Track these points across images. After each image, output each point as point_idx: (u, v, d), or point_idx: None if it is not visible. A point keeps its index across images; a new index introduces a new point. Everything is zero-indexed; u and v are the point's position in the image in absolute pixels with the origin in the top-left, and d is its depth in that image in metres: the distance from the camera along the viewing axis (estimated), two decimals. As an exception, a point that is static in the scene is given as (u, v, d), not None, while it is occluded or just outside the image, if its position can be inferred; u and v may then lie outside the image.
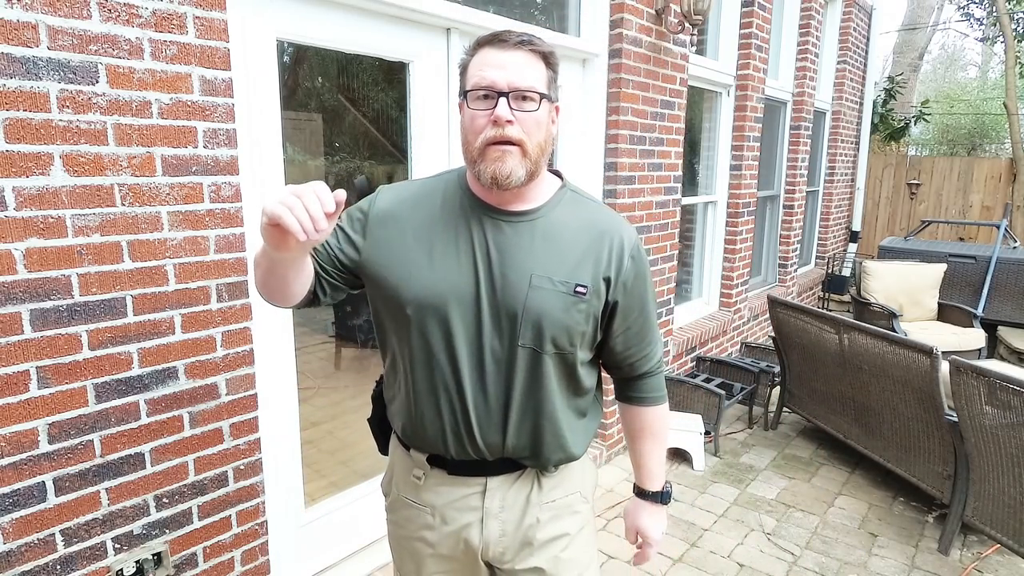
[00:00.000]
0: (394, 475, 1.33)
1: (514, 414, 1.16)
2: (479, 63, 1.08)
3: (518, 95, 1.06)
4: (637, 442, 1.35)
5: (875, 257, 6.61)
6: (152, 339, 1.66)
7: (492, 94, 1.06)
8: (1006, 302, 5.49)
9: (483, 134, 1.07)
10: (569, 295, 1.12)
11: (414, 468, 1.26)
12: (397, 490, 1.31)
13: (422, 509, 1.26)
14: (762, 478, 3.39)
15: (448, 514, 1.23)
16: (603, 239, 1.17)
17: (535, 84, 1.08)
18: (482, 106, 1.07)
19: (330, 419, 2.64)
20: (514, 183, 1.08)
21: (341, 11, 2.07)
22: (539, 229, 1.15)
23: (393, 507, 1.34)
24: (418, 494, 1.26)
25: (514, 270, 1.11)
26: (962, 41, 22.94)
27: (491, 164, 1.07)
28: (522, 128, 1.07)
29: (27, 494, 1.51)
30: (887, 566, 2.66)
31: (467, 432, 1.17)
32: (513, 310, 1.11)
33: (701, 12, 3.26)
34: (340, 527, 2.36)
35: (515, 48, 1.08)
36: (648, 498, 1.36)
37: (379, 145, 2.62)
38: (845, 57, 6.48)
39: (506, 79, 1.05)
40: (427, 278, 1.12)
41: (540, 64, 1.11)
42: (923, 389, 2.82)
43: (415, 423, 1.21)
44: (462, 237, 1.13)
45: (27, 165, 1.41)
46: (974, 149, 14.15)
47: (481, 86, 1.06)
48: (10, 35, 1.36)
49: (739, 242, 4.66)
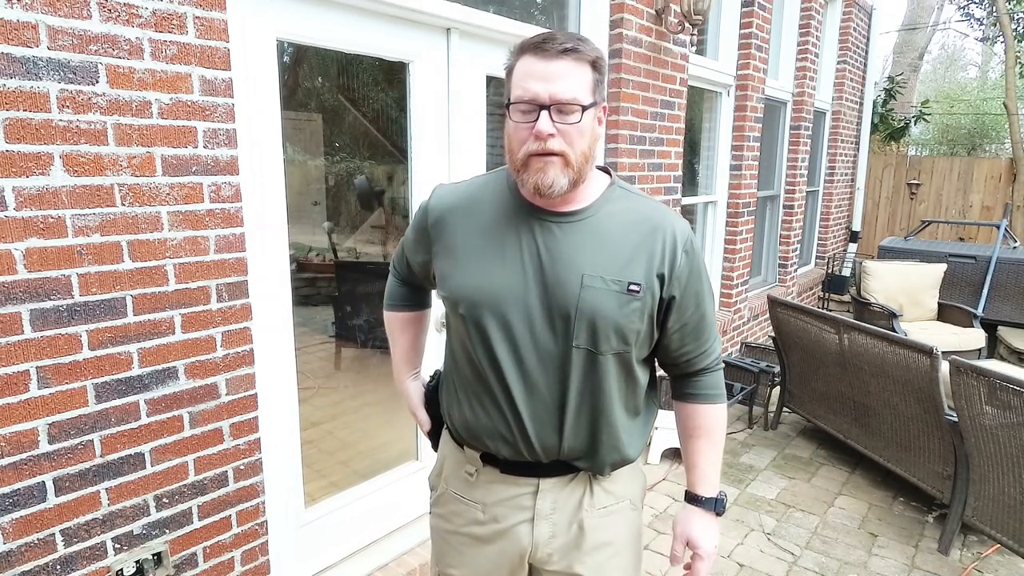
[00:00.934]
0: (444, 469, 1.34)
1: (570, 415, 1.16)
2: (522, 72, 1.07)
3: (558, 108, 1.05)
4: (691, 442, 1.30)
5: (875, 257, 6.61)
6: (152, 339, 1.66)
7: (533, 107, 1.05)
8: (1006, 302, 5.49)
9: (525, 146, 1.07)
10: (623, 293, 1.11)
11: (467, 464, 1.26)
12: (446, 484, 1.32)
13: (472, 505, 1.26)
14: (762, 478, 3.39)
15: (498, 512, 1.23)
16: (655, 235, 1.15)
17: (578, 95, 1.05)
18: (524, 119, 1.06)
19: (330, 419, 2.64)
20: (556, 193, 1.08)
21: (341, 11, 2.07)
22: (589, 228, 1.14)
23: (440, 501, 1.34)
24: (469, 490, 1.26)
25: (566, 270, 1.11)
26: (962, 41, 22.96)
27: (533, 175, 1.07)
28: (564, 140, 1.06)
29: (27, 494, 1.51)
30: (887, 566, 2.66)
31: (521, 434, 1.17)
32: (566, 311, 1.11)
33: (701, 12, 3.26)
34: (340, 527, 2.36)
35: (558, 57, 1.04)
36: (701, 504, 1.29)
37: (379, 145, 2.62)
38: (845, 57, 6.48)
39: (548, 91, 1.04)
40: (478, 279, 1.14)
41: (586, 69, 1.07)
42: (923, 389, 2.82)
43: (469, 421, 1.22)
44: (512, 239, 1.14)
45: (27, 165, 1.41)
46: (974, 149, 14.15)
47: (524, 99, 1.05)
48: (10, 35, 1.36)
49: (739, 242, 4.66)
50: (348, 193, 2.73)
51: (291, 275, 2.05)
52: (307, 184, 2.51)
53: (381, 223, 2.82)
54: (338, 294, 2.87)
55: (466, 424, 1.23)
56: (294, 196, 2.06)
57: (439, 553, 1.36)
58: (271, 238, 1.96)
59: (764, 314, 5.19)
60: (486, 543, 1.26)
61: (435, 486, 1.37)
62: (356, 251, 2.84)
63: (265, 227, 1.94)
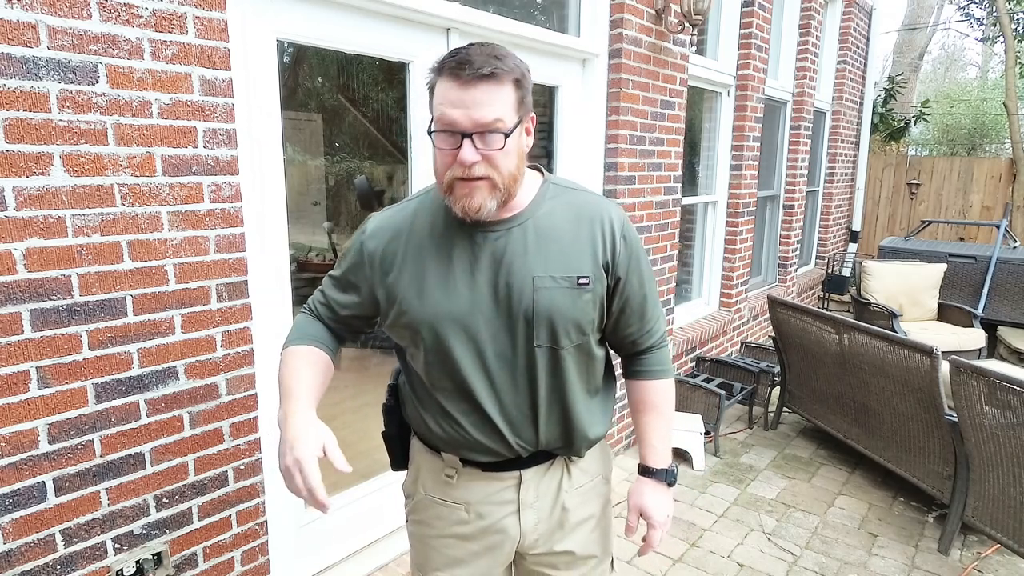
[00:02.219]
0: (420, 476, 1.33)
1: (542, 411, 1.20)
2: (441, 97, 1.04)
3: (482, 133, 1.02)
4: (642, 417, 1.34)
5: (875, 257, 6.61)
6: (152, 339, 1.66)
7: (456, 133, 1.03)
8: (1006, 302, 5.49)
9: (450, 171, 1.06)
10: (573, 288, 1.14)
11: (445, 468, 1.27)
12: (424, 491, 1.31)
13: (455, 506, 1.27)
14: (762, 478, 3.39)
15: (483, 509, 1.26)
16: (594, 225, 1.18)
17: (501, 116, 1.03)
18: (447, 144, 1.04)
19: (330, 419, 2.62)
20: (485, 215, 1.08)
21: (341, 11, 2.07)
22: (530, 231, 1.15)
23: (419, 507, 1.33)
24: (450, 492, 1.27)
25: (515, 276, 1.12)
26: (962, 41, 22.96)
27: (460, 200, 1.07)
28: (488, 164, 1.05)
29: (27, 494, 1.51)
30: (887, 566, 2.66)
31: (498, 440, 1.20)
32: (525, 315, 1.13)
33: (701, 12, 3.26)
34: (340, 527, 2.36)
35: (476, 83, 1.01)
36: (652, 476, 1.33)
37: (379, 145, 2.63)
38: (845, 57, 6.48)
39: (469, 117, 1.01)
40: (437, 301, 1.14)
41: (507, 90, 1.04)
42: (923, 389, 2.82)
43: (446, 433, 1.22)
44: (459, 256, 1.14)
45: (27, 165, 1.41)
46: (974, 149, 14.15)
47: (443, 123, 1.03)
48: (10, 35, 1.36)
49: (739, 242, 4.66)
50: (348, 193, 2.73)
51: (291, 275, 2.05)
52: (307, 184, 2.51)
53: (381, 223, 2.82)
54: (338, 294, 2.86)
55: (444, 435, 1.23)
56: (294, 196, 2.06)
57: (422, 560, 1.35)
58: (271, 238, 1.96)
59: (764, 314, 5.19)
60: (473, 541, 1.27)
61: (411, 493, 1.36)
62: (356, 251, 2.84)
63: (265, 227, 1.94)
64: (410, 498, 1.36)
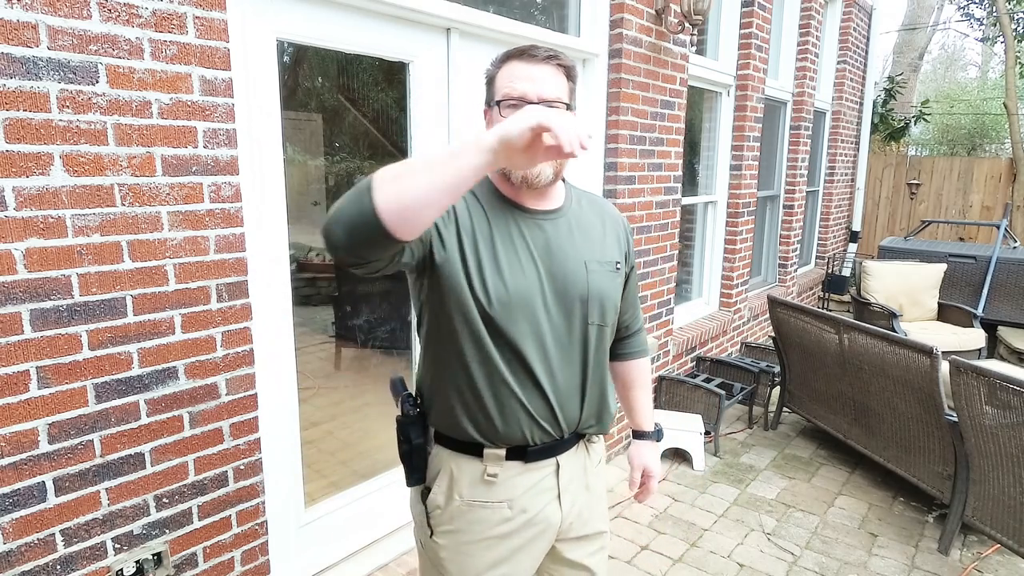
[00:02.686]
0: (453, 484, 1.30)
1: (588, 388, 1.30)
2: (508, 75, 1.19)
3: (546, 105, 1.12)
4: (633, 391, 1.54)
5: (875, 257, 6.61)
6: (152, 339, 1.66)
7: (522, 104, 1.14)
8: (1006, 302, 5.49)
9: None
10: (612, 272, 1.31)
11: (487, 468, 1.28)
12: (460, 497, 1.29)
13: (497, 506, 1.29)
14: (762, 478, 3.39)
15: (527, 502, 1.30)
16: (615, 223, 1.38)
17: (560, 95, 1.19)
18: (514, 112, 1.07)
19: (330, 419, 2.64)
20: (543, 182, 1.20)
21: (341, 11, 2.07)
22: (572, 223, 1.29)
23: (454, 516, 1.30)
24: (492, 492, 1.29)
25: (570, 260, 1.25)
26: (962, 41, 22.95)
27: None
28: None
29: (27, 494, 1.51)
30: (887, 566, 2.66)
31: (551, 416, 1.27)
32: (581, 295, 1.25)
33: (701, 12, 3.26)
34: (340, 527, 2.36)
35: (543, 62, 1.18)
36: (650, 437, 1.55)
37: (379, 145, 2.62)
38: (845, 57, 6.48)
39: (536, 91, 1.17)
40: (504, 280, 1.20)
41: (563, 77, 1.21)
42: (923, 389, 2.82)
43: (496, 421, 1.24)
44: (517, 238, 1.23)
45: (27, 165, 1.41)
46: (974, 149, 14.14)
47: (512, 96, 1.17)
48: (10, 35, 1.36)
49: (739, 242, 4.66)
50: (348, 193, 2.73)
51: (291, 275, 2.05)
52: (307, 184, 2.51)
53: (381, 223, 2.82)
54: (338, 294, 2.87)
55: (492, 425, 1.24)
56: (294, 196, 2.06)
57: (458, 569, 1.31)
58: (271, 238, 1.96)
59: (764, 314, 5.19)
60: (516, 536, 1.30)
61: (442, 504, 1.31)
62: (356, 251, 2.84)
63: (265, 227, 1.94)
64: (439, 509, 1.31)
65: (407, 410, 1.33)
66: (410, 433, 1.31)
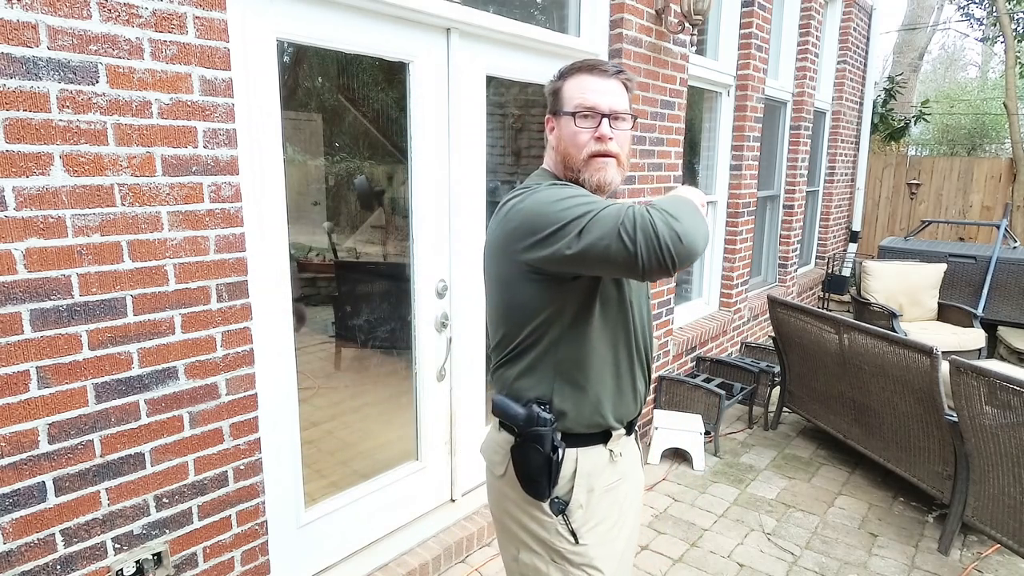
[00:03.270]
0: (591, 479, 1.36)
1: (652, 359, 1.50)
2: (579, 87, 1.31)
3: (615, 116, 1.30)
4: None
5: (875, 257, 6.61)
6: (152, 339, 1.66)
7: (595, 115, 1.29)
8: (1006, 302, 5.49)
9: (587, 148, 1.30)
10: None
11: (615, 448, 1.40)
12: (599, 487, 1.38)
13: (619, 483, 1.42)
14: (762, 478, 3.39)
15: (629, 471, 1.46)
16: None
17: (627, 107, 1.34)
18: (586, 124, 1.30)
19: (330, 419, 2.64)
20: (613, 188, 1.34)
21: (341, 11, 2.07)
22: None
23: (598, 506, 1.37)
24: (616, 470, 1.41)
25: None
26: (962, 41, 22.95)
27: (596, 173, 1.30)
28: (618, 143, 1.31)
29: (27, 494, 1.51)
30: (887, 566, 2.66)
31: (647, 388, 1.46)
32: (648, 285, 1.43)
33: (701, 12, 3.26)
34: (340, 527, 2.36)
35: (613, 77, 1.32)
36: None
37: (379, 145, 2.62)
38: (845, 57, 6.48)
39: (608, 103, 1.29)
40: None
41: (625, 92, 1.35)
42: (923, 389, 2.82)
43: (624, 399, 1.39)
44: None
45: (27, 165, 1.41)
46: (974, 149, 14.14)
47: (585, 107, 1.29)
48: (10, 35, 1.36)
49: (739, 242, 4.66)
50: (348, 193, 2.73)
51: (291, 275, 2.05)
52: (307, 184, 2.51)
53: (381, 223, 2.82)
54: (338, 294, 2.87)
55: (619, 403, 1.38)
56: (294, 196, 2.06)
57: (612, 564, 1.37)
58: (271, 238, 1.96)
59: (764, 314, 5.19)
60: (631, 503, 1.46)
61: (583, 502, 1.34)
62: (356, 251, 2.84)
63: (265, 227, 1.94)
64: (583, 508, 1.34)
65: (546, 418, 1.29)
66: (554, 439, 1.30)
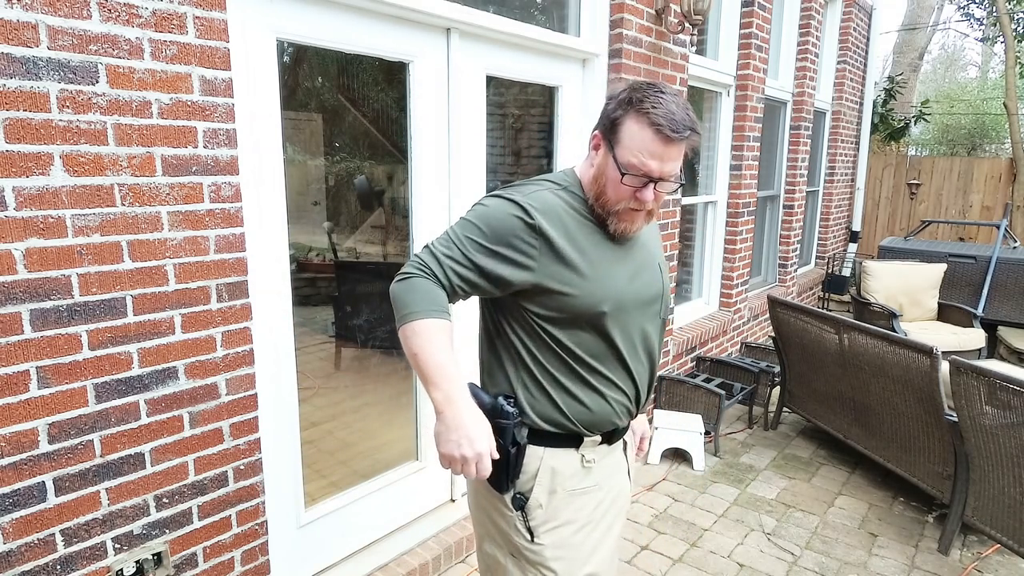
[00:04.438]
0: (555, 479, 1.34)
1: (655, 373, 1.46)
2: (642, 143, 1.20)
3: (663, 181, 1.24)
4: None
5: (875, 257, 6.61)
6: (152, 339, 1.66)
7: (647, 179, 1.22)
8: (1006, 302, 5.49)
9: (624, 202, 1.25)
10: (667, 272, 1.46)
11: (587, 455, 1.38)
12: (563, 489, 1.35)
13: (593, 490, 1.38)
14: (762, 478, 3.39)
15: (612, 481, 1.43)
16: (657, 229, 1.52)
17: (678, 169, 1.25)
18: (634, 184, 1.23)
19: (330, 419, 2.64)
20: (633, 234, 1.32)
21: (341, 11, 2.07)
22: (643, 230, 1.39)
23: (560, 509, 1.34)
24: (588, 477, 1.38)
25: (648, 263, 1.38)
26: (962, 41, 22.95)
27: (622, 223, 1.28)
28: (656, 202, 1.27)
29: (27, 494, 1.51)
30: (887, 566, 2.66)
31: (637, 399, 1.41)
32: (658, 293, 1.39)
33: (701, 12, 3.26)
34: (340, 527, 2.36)
35: (678, 143, 1.21)
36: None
37: (379, 145, 2.62)
38: (845, 57, 6.48)
39: (661, 170, 1.22)
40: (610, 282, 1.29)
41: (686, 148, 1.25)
42: (923, 389, 2.82)
43: (601, 410, 1.35)
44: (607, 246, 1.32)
45: (27, 165, 1.41)
46: (974, 149, 14.14)
47: (640, 172, 1.21)
48: (10, 35, 1.36)
49: (739, 242, 4.66)
50: (348, 193, 2.73)
51: (291, 275, 2.05)
52: (307, 184, 2.51)
53: (381, 223, 2.82)
54: (338, 294, 2.87)
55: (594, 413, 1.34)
56: (294, 196, 2.06)
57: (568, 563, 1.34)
58: (271, 238, 1.96)
59: (764, 314, 5.19)
60: (608, 515, 1.42)
61: (544, 501, 1.33)
62: (356, 251, 2.84)
63: (265, 227, 1.94)
64: (541, 508, 1.33)
65: (509, 411, 1.30)
66: (515, 434, 1.30)
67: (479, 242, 1.25)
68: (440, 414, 1.18)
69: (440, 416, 1.18)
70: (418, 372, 1.21)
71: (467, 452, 1.16)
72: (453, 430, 1.16)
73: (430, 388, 1.19)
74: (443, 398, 1.17)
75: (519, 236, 1.24)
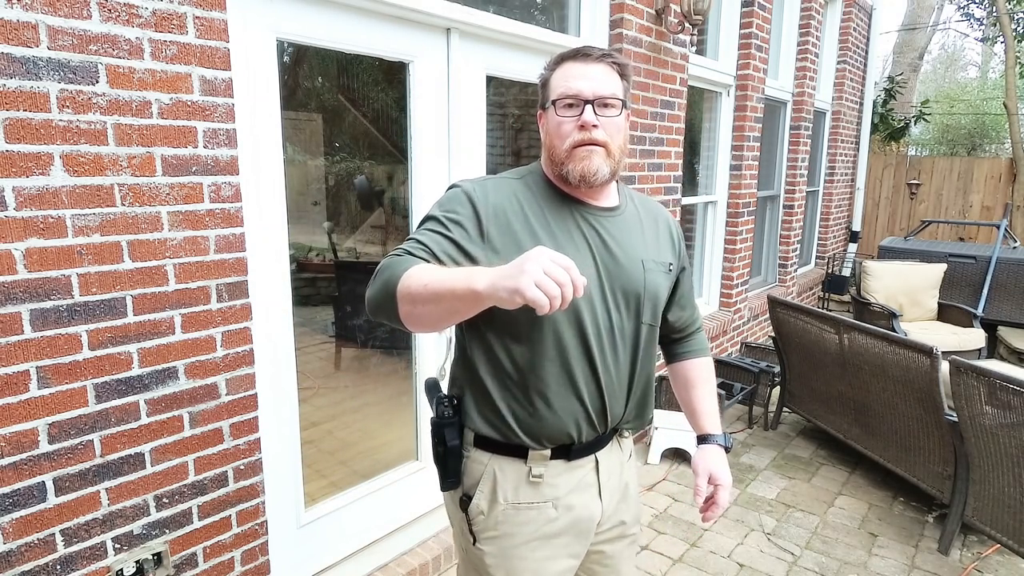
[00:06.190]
0: (497, 487, 1.28)
1: (636, 385, 1.32)
2: (564, 75, 1.21)
3: (601, 102, 1.18)
4: (696, 391, 1.49)
5: (875, 257, 6.61)
6: (152, 339, 1.66)
7: (578, 102, 1.18)
8: (1006, 302, 5.49)
9: (570, 138, 1.19)
10: (665, 273, 1.33)
11: (533, 468, 1.27)
12: (505, 500, 1.27)
13: (543, 506, 1.28)
14: (762, 478, 3.39)
15: (572, 500, 1.30)
16: (666, 223, 1.39)
17: (616, 92, 1.20)
18: (569, 113, 1.19)
19: (330, 419, 2.64)
20: (600, 180, 1.20)
21: (341, 11, 2.07)
22: (629, 220, 1.31)
23: (499, 520, 1.28)
24: (538, 492, 1.28)
25: (627, 257, 1.26)
26: (962, 41, 22.95)
27: (579, 163, 1.19)
28: (605, 131, 1.19)
29: (27, 494, 1.51)
30: (887, 566, 2.66)
31: (600, 411, 1.27)
32: (636, 292, 1.26)
33: (701, 12, 3.26)
34: (340, 527, 2.36)
35: (597, 61, 1.20)
36: (717, 441, 1.44)
37: (379, 145, 2.63)
38: (845, 57, 6.48)
39: (591, 88, 1.18)
40: None
41: (617, 76, 1.23)
42: (923, 389, 2.82)
43: (545, 419, 1.23)
44: (575, 230, 1.23)
45: (27, 165, 1.41)
46: (974, 149, 14.14)
47: (568, 95, 1.18)
48: (10, 35, 1.36)
49: (739, 242, 4.66)
50: (348, 193, 2.73)
51: (291, 275, 2.05)
52: (307, 184, 2.51)
53: (381, 223, 2.82)
54: (338, 294, 2.87)
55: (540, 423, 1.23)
56: (294, 196, 2.06)
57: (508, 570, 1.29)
58: (271, 238, 1.96)
59: (764, 314, 5.19)
60: (563, 535, 1.30)
61: (486, 509, 1.28)
62: (356, 251, 2.84)
63: (265, 227, 1.94)
64: (483, 515, 1.29)
65: (442, 412, 1.29)
66: (445, 435, 1.28)
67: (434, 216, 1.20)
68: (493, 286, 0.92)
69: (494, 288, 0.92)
70: (442, 300, 1.00)
71: (542, 265, 0.89)
72: (516, 268, 0.90)
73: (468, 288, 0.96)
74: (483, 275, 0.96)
75: (459, 202, 1.20)
